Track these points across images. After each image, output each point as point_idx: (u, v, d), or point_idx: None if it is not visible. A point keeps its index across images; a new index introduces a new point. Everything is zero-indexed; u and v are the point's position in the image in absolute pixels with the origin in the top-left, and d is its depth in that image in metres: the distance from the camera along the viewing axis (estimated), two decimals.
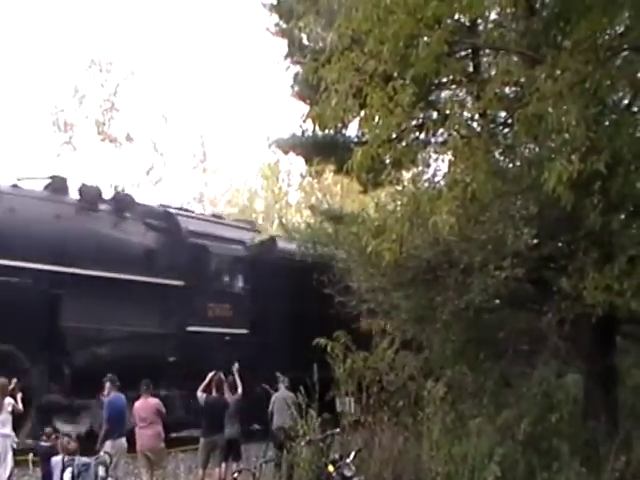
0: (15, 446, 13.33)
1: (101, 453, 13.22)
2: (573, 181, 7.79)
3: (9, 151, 56.12)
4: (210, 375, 14.93)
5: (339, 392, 14.81)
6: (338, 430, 13.92)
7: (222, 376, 15.11)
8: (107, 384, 13.78)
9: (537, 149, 10.31)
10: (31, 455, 14.47)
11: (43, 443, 13.73)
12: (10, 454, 13.09)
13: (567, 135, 8.32)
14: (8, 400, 13.08)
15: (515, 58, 10.33)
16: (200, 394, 14.76)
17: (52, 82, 59.30)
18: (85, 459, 12.96)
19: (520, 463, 10.70)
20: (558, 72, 8.16)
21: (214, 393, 14.77)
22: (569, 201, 8.05)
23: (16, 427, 13.58)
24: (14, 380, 13.65)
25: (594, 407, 11.57)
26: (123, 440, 13.52)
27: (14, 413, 13.23)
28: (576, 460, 10.40)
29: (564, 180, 7.67)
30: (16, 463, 13.49)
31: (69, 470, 13.17)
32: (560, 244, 11.13)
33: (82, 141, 41.95)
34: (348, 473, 10.69)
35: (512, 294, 11.82)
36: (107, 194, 20.66)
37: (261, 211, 46.48)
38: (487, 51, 11.89)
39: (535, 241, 11.41)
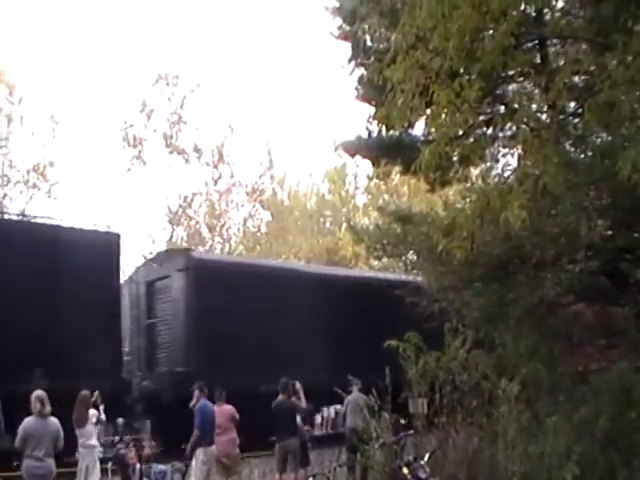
0: (101, 456, 13.56)
1: (193, 461, 13.39)
2: None
3: (81, 170, 57.55)
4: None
5: (411, 393, 14.73)
6: (411, 432, 13.84)
7: (293, 383, 15.11)
8: (196, 392, 13.89)
9: (609, 138, 10.12)
10: (110, 464, 14.76)
11: (122, 451, 13.99)
12: (98, 464, 13.33)
13: None
14: (92, 412, 13.33)
15: (584, 46, 10.16)
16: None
17: (121, 98, 60.79)
18: (162, 467, 13.18)
19: (599, 461, 10.48)
20: (630, 58, 7.98)
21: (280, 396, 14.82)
22: None
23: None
24: (96, 392, 13.91)
25: None
26: (214, 447, 13.64)
27: (98, 424, 13.46)
28: None
29: (639, 167, 7.50)
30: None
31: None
32: (636, 234, 10.91)
33: (151, 155, 42.73)
34: (423, 475, 10.63)
35: (586, 287, 11.61)
36: None
37: (329, 215, 46.63)
38: (555, 41, 11.72)
39: (609, 232, 11.21)
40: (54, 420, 10.75)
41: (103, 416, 13.68)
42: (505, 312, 12.09)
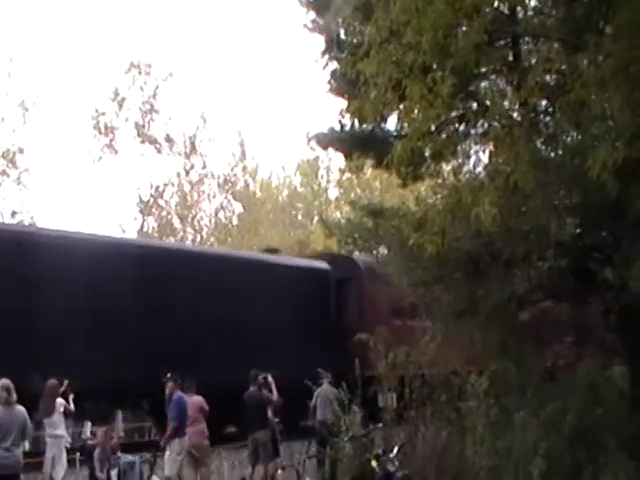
0: (68, 446, 13.47)
1: (167, 452, 13.34)
2: (618, 168, 7.65)
3: (52, 157, 56.97)
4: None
5: (381, 387, 14.79)
6: (381, 425, 13.90)
7: (264, 375, 15.11)
8: (169, 383, 13.81)
9: (580, 137, 10.17)
10: (78, 454, 14.65)
11: (90, 442, 13.89)
12: (64, 454, 13.23)
13: (611, 122, 8.20)
14: (60, 401, 13.22)
15: (556, 45, 10.21)
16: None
17: (92, 86, 60.18)
18: (130, 457, 13.10)
19: (566, 457, 10.58)
20: (601, 58, 8.04)
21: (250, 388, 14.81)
22: (614, 188, 7.92)
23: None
24: (66, 381, 13.79)
25: None
26: (186, 438, 13.61)
27: (66, 414, 13.36)
28: (623, 454, 10.25)
29: (609, 167, 7.55)
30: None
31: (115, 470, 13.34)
32: (604, 233, 10.97)
33: (123, 144, 42.39)
34: (391, 468, 10.66)
35: (555, 285, 11.66)
36: None
37: (301, 208, 46.61)
38: (527, 39, 11.74)
39: (579, 231, 11.28)
40: (21, 409, 10.60)
41: (72, 406, 13.57)
42: (475, 308, 12.12)
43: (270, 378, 15.13)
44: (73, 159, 64.43)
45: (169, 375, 13.82)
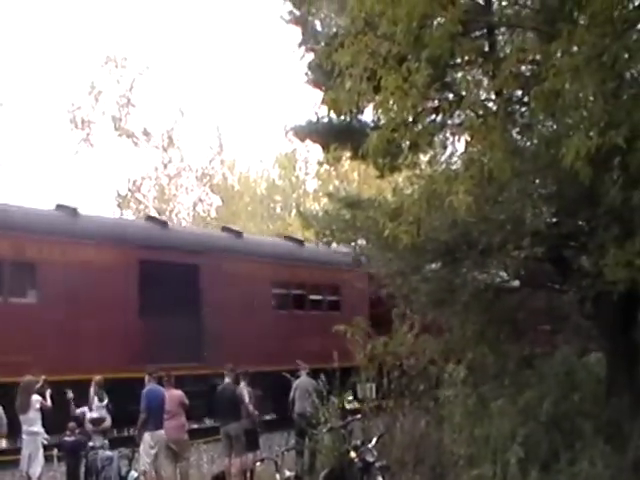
0: (46, 443, 13.40)
1: (140, 446, 13.31)
2: (592, 156, 7.67)
3: (29, 152, 56.57)
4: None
5: (360, 378, 14.83)
6: (359, 416, 13.95)
7: (243, 371, 15.12)
8: (146, 376, 13.83)
9: (554, 126, 10.21)
10: (55, 450, 14.56)
11: (67, 438, 13.81)
12: (41, 451, 13.15)
13: (585, 111, 8.23)
14: (35, 398, 13.14)
15: (531, 35, 10.24)
16: None
17: (68, 80, 59.82)
18: (109, 453, 13.06)
19: (543, 443, 10.67)
20: (574, 47, 8.07)
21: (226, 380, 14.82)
22: (588, 176, 7.95)
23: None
24: (42, 377, 13.69)
25: (617, 385, 11.50)
26: (162, 432, 13.58)
27: (43, 410, 13.29)
28: (599, 439, 10.36)
29: (582, 155, 7.57)
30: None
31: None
32: (580, 222, 11.02)
33: (99, 138, 42.21)
34: (370, 459, 10.72)
35: (532, 274, 11.75)
36: None
37: (279, 200, 46.59)
38: (502, 29, 11.78)
39: (554, 219, 11.33)
40: None
41: (49, 402, 13.49)
42: (452, 297, 12.18)
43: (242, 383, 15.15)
44: (50, 153, 64.09)
45: (147, 369, 13.87)
